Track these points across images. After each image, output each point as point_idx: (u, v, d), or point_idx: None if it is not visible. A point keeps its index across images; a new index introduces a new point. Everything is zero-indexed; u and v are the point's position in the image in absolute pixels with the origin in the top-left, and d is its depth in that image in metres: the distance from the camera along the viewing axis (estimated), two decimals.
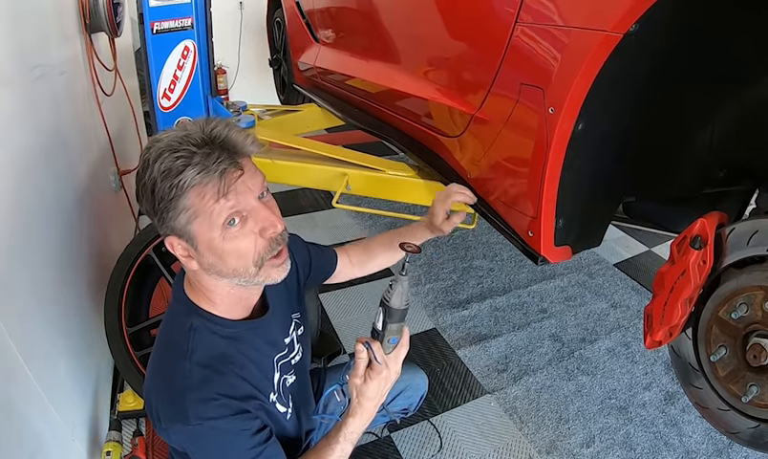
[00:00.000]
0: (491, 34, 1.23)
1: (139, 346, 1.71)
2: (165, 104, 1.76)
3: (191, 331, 0.95)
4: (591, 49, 0.96)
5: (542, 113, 1.07)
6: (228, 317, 0.99)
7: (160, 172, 0.84)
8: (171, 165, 0.83)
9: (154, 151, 0.85)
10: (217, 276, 0.94)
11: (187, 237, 0.89)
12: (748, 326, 0.93)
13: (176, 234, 0.89)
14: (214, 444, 0.92)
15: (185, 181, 0.83)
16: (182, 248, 0.91)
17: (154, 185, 0.85)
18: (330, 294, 2.41)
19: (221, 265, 0.91)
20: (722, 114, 1.18)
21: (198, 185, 0.84)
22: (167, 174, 0.83)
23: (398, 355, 1.02)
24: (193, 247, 0.90)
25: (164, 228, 0.89)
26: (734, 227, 0.97)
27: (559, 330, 2.26)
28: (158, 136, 0.89)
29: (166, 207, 0.86)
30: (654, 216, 1.45)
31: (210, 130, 0.87)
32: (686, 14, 0.95)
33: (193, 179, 0.83)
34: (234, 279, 0.94)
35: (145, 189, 0.86)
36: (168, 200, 0.85)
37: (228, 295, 0.98)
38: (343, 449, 1.02)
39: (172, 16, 1.68)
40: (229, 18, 4.34)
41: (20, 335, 1.19)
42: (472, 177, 1.44)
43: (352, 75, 2.10)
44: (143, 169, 0.86)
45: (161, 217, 0.87)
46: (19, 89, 1.50)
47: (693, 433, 1.81)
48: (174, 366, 0.93)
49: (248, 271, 0.92)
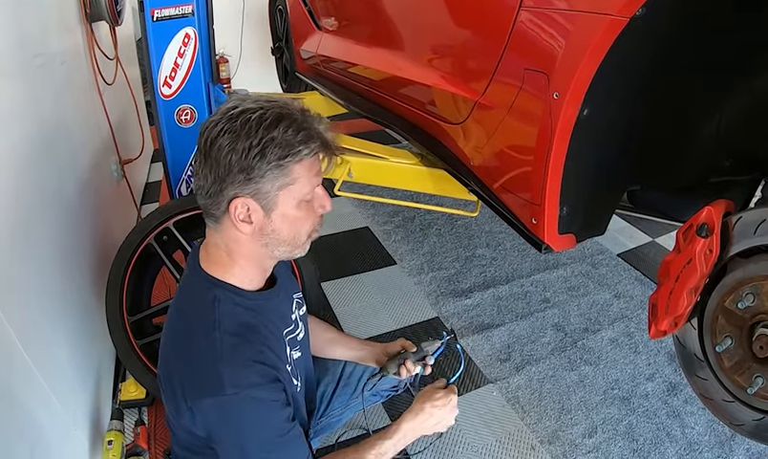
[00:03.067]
0: (495, 19, 1.21)
1: (141, 335, 1.70)
2: (166, 92, 1.75)
3: (215, 302, 0.97)
4: (597, 33, 0.94)
5: (546, 99, 1.06)
6: (247, 289, 1.02)
7: (282, 136, 0.89)
8: (295, 134, 0.90)
9: (270, 114, 0.90)
10: (267, 244, 0.98)
11: (267, 201, 0.93)
12: (754, 316, 0.92)
13: (255, 196, 0.92)
14: (248, 415, 0.93)
15: (308, 151, 0.92)
16: (247, 209, 0.93)
17: (267, 145, 0.88)
18: (331, 283, 2.41)
19: (285, 231, 0.97)
20: (729, 103, 1.17)
21: (313, 158, 0.94)
22: (289, 140, 0.90)
23: None
24: (266, 210, 0.94)
25: (247, 188, 0.91)
26: (741, 215, 0.95)
27: (562, 320, 2.25)
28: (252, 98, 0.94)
29: (270, 169, 0.90)
30: (659, 205, 1.44)
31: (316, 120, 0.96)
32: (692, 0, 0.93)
33: (313, 152, 0.93)
34: (281, 248, 1.00)
35: (251, 147, 0.88)
36: (278, 163, 0.90)
37: (256, 263, 1.02)
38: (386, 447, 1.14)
39: (172, 3, 1.67)
40: (231, 7, 4.31)
41: (21, 324, 1.19)
42: (475, 164, 1.43)
43: (355, 62, 2.08)
44: (248, 128, 0.88)
45: (255, 177, 0.90)
46: (20, 79, 1.49)
47: (696, 425, 1.80)
48: (201, 339, 0.94)
49: (300, 239, 1.01)
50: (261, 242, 0.98)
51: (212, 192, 0.93)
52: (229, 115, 0.91)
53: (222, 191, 0.92)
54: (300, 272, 1.69)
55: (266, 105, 0.91)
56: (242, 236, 0.96)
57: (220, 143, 0.89)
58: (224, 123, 0.90)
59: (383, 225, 2.90)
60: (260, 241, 0.97)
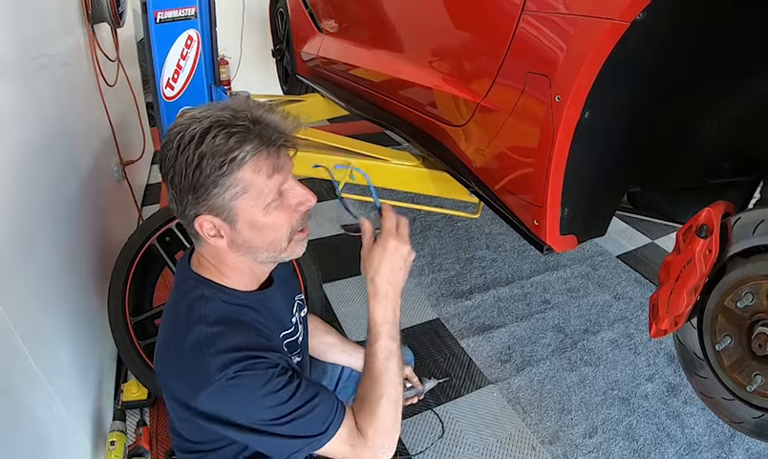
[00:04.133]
0: (497, 23, 1.22)
1: (143, 336, 1.71)
2: (169, 94, 1.76)
3: (202, 299, 0.95)
4: (598, 37, 0.95)
5: (548, 101, 1.06)
6: (239, 289, 1.00)
7: (211, 147, 0.85)
8: (226, 140, 0.85)
9: (198, 128, 0.86)
10: (245, 253, 0.95)
11: (226, 214, 0.89)
12: (753, 315, 0.93)
13: (213, 212, 0.89)
14: (247, 390, 0.89)
15: (243, 155, 0.86)
16: (214, 226, 0.91)
17: (201, 160, 0.85)
18: (332, 284, 2.42)
19: (258, 240, 0.93)
20: (728, 105, 1.18)
21: (255, 160, 0.87)
22: (221, 149, 0.85)
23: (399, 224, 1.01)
24: (230, 223, 0.91)
25: (200, 206, 0.89)
26: (739, 216, 0.96)
27: (562, 321, 2.26)
28: (189, 115, 0.89)
29: (213, 183, 0.86)
30: (659, 206, 1.45)
31: (259, 112, 0.90)
32: (693, 3, 0.95)
33: (251, 154, 0.86)
34: (263, 254, 0.96)
35: (187, 166, 0.85)
36: (218, 175, 0.86)
37: (246, 272, 1.00)
38: (385, 347, 0.99)
39: (175, 6, 1.67)
40: (231, 9, 4.32)
41: (24, 325, 1.19)
42: (477, 166, 1.44)
43: (357, 64, 2.09)
44: (182, 146, 0.85)
45: (202, 194, 0.87)
46: (22, 79, 1.49)
47: (696, 425, 1.81)
48: (186, 335, 0.92)
49: (281, 244, 0.95)
50: (240, 252, 0.95)
51: (179, 214, 0.93)
52: (171, 134, 0.89)
53: (185, 213, 0.91)
54: (302, 273, 1.70)
55: (199, 117, 0.88)
56: (220, 250, 0.95)
57: (165, 166, 0.89)
58: (168, 145, 0.88)
59: None
60: (238, 251, 0.95)
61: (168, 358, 0.96)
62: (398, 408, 1.01)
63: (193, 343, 0.90)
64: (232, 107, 0.90)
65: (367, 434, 0.97)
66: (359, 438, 0.97)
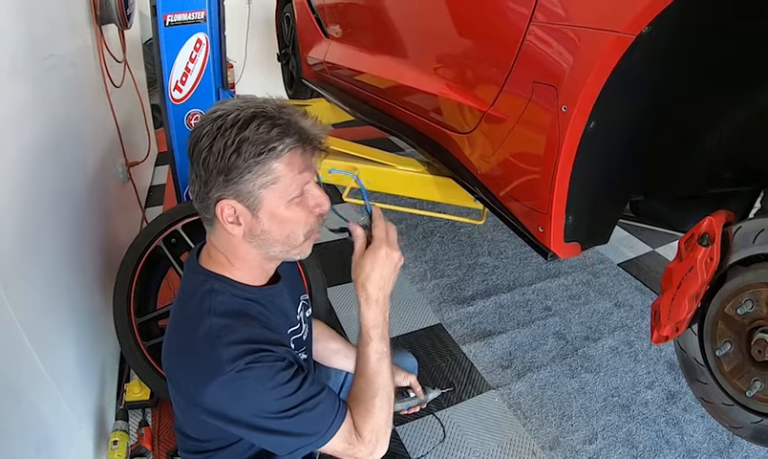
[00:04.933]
0: (505, 33, 1.24)
1: (148, 337, 1.72)
2: (177, 96, 1.77)
3: (211, 293, 0.96)
4: (605, 49, 0.97)
5: (554, 111, 1.08)
6: (247, 283, 1.01)
7: (254, 133, 0.88)
8: (269, 130, 0.89)
9: (243, 114, 0.89)
10: (259, 245, 0.97)
11: (251, 201, 0.91)
12: (753, 322, 0.94)
13: (238, 197, 0.91)
14: (256, 383, 0.90)
15: (283, 147, 0.90)
16: (234, 212, 0.92)
17: (241, 144, 0.88)
18: (335, 288, 2.43)
19: (276, 232, 0.95)
20: (730, 115, 1.19)
21: (291, 154, 0.91)
22: (262, 137, 0.88)
23: (389, 230, 1.05)
24: (252, 211, 0.92)
25: (228, 189, 0.90)
26: (740, 225, 0.98)
27: (563, 328, 2.28)
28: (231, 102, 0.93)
29: (248, 168, 0.89)
30: (661, 215, 1.46)
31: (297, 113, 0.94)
32: (698, 17, 0.96)
33: (289, 147, 0.90)
34: (277, 248, 0.98)
35: (225, 148, 0.88)
36: (254, 162, 0.88)
37: (255, 265, 1.01)
38: (377, 350, 1.02)
39: (185, 9, 1.68)
40: (237, 13, 4.34)
41: (31, 324, 1.20)
42: (482, 172, 1.46)
43: (363, 70, 2.11)
44: (223, 129, 0.88)
45: (234, 177, 0.89)
46: (31, 79, 1.51)
47: (695, 432, 1.82)
48: (195, 328, 0.93)
49: (297, 239, 0.98)
50: (253, 243, 0.96)
51: (200, 196, 0.94)
52: (210, 119, 0.91)
53: (207, 195, 0.92)
54: (307, 277, 1.71)
55: (243, 106, 0.91)
56: (234, 238, 0.96)
57: (199, 147, 0.90)
58: (204, 127, 0.91)
59: None
60: (252, 242, 0.96)
61: (177, 351, 0.97)
62: (391, 407, 1.04)
63: (203, 335, 0.91)
64: (273, 103, 0.94)
65: (363, 432, 0.99)
66: (356, 436, 0.99)
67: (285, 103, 0.95)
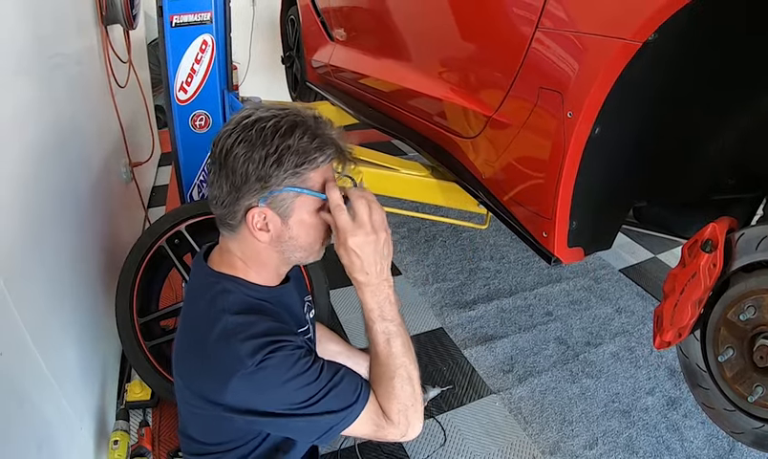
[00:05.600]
0: (511, 38, 1.25)
1: (150, 337, 1.72)
2: (182, 97, 1.78)
3: (223, 293, 0.96)
4: (611, 56, 0.98)
5: (560, 117, 1.09)
6: (260, 283, 1.01)
7: (297, 143, 0.89)
8: (311, 141, 0.90)
9: (284, 123, 0.90)
10: (284, 249, 0.97)
11: (284, 209, 0.92)
12: (755, 328, 0.94)
13: (271, 205, 0.92)
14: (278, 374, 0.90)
15: (324, 159, 0.92)
16: (264, 219, 0.93)
17: (283, 153, 0.88)
18: (337, 291, 2.42)
19: (303, 238, 0.96)
20: (734, 122, 1.20)
21: (328, 166, 0.94)
22: (305, 147, 0.89)
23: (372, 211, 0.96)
24: (283, 218, 0.93)
25: (261, 196, 0.90)
26: (743, 232, 0.98)
27: (564, 333, 2.28)
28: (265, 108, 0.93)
29: (286, 177, 0.89)
30: (664, 221, 1.47)
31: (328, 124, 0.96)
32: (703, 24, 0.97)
33: (328, 159, 0.93)
34: (298, 253, 0.99)
35: (267, 156, 0.88)
36: (294, 171, 0.89)
37: (272, 268, 1.02)
38: (382, 330, 0.98)
39: (191, 10, 1.69)
40: (241, 15, 4.35)
41: (33, 323, 1.20)
42: (486, 177, 1.46)
43: (368, 74, 2.11)
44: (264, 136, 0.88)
45: (273, 185, 0.89)
46: (38, 78, 1.52)
47: (695, 439, 1.83)
48: (211, 326, 0.93)
49: (317, 245, 1.00)
50: (278, 248, 0.97)
51: (228, 202, 0.93)
52: (244, 124, 0.91)
53: (238, 201, 0.92)
54: (310, 280, 1.71)
55: (280, 113, 0.92)
56: (259, 244, 0.96)
57: (236, 153, 0.89)
58: (238, 133, 0.90)
59: None
60: (277, 248, 0.97)
61: (192, 354, 0.97)
62: (415, 384, 1.00)
63: (219, 334, 0.91)
64: (310, 111, 0.95)
65: (390, 414, 0.98)
66: (384, 418, 0.98)
67: (317, 113, 0.96)
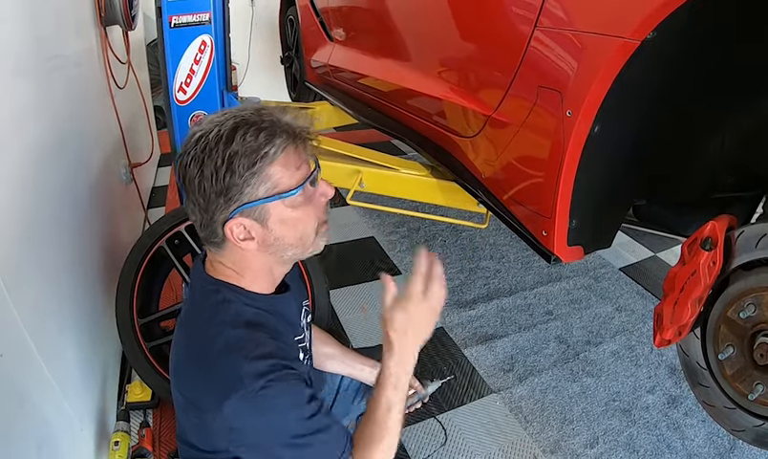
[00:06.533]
0: (510, 37, 1.25)
1: (150, 338, 1.72)
2: (181, 98, 1.77)
3: (224, 303, 0.94)
4: (609, 55, 0.98)
5: (559, 116, 1.09)
6: (257, 292, 0.99)
7: (242, 145, 0.85)
8: (255, 137, 0.85)
9: (224, 129, 0.85)
10: (273, 252, 0.95)
11: (258, 213, 0.89)
12: (755, 326, 0.95)
13: (244, 214, 0.88)
14: (276, 401, 0.88)
15: (275, 150, 0.87)
16: (244, 229, 0.90)
17: (232, 160, 0.84)
18: (337, 291, 2.43)
19: (290, 236, 0.93)
20: (733, 121, 1.20)
21: (284, 154, 0.88)
22: (251, 145, 0.85)
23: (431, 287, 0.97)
24: (261, 222, 0.90)
25: (231, 209, 0.87)
26: (743, 230, 0.99)
27: (564, 332, 2.28)
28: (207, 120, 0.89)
29: (245, 182, 0.86)
30: (664, 220, 1.47)
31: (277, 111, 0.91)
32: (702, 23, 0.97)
33: (281, 148, 0.87)
34: (291, 251, 0.96)
35: (216, 169, 0.85)
36: (250, 174, 0.85)
37: (266, 274, 0.99)
38: (388, 398, 0.98)
39: (190, 11, 1.69)
40: (240, 15, 4.35)
41: (34, 324, 1.20)
42: (486, 176, 1.46)
43: (368, 74, 2.11)
44: (208, 150, 0.85)
45: (235, 196, 0.86)
46: (36, 79, 1.51)
47: (696, 437, 1.83)
48: (212, 339, 0.91)
49: (309, 238, 0.96)
50: (268, 252, 0.95)
51: (204, 224, 0.91)
52: (191, 144, 0.87)
53: (212, 220, 0.89)
54: (310, 282, 1.71)
55: (221, 120, 0.88)
56: (248, 253, 0.94)
57: (189, 175, 0.87)
58: (189, 154, 0.87)
59: (389, 235, 2.93)
60: (267, 251, 0.94)
61: (191, 362, 0.95)
62: (392, 453, 1.01)
63: (222, 347, 0.89)
64: (250, 108, 0.91)
65: None
66: None
67: (263, 105, 0.93)
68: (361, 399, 1.41)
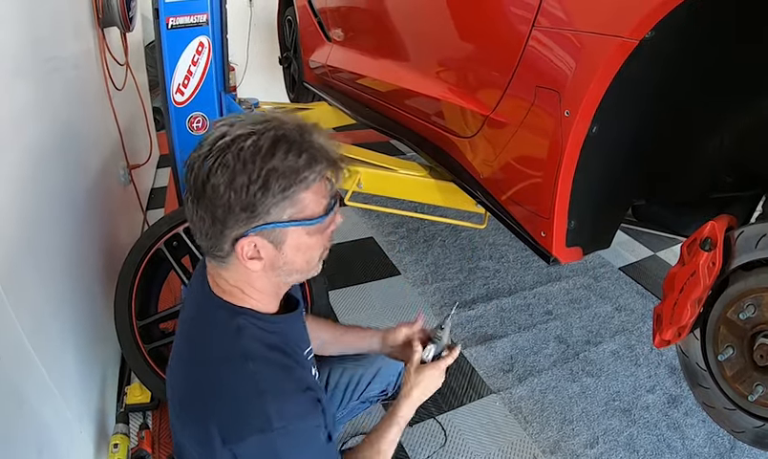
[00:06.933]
0: (508, 37, 1.24)
1: (149, 340, 1.72)
2: (179, 99, 1.77)
3: (238, 332, 0.90)
4: (608, 54, 0.97)
5: (557, 116, 1.08)
6: (268, 312, 0.96)
7: (282, 163, 0.79)
8: (297, 158, 0.80)
9: (265, 140, 0.80)
10: (279, 274, 0.91)
11: (276, 235, 0.84)
12: (755, 327, 0.94)
13: (261, 234, 0.83)
14: (297, 447, 0.86)
15: (314, 176, 0.82)
16: (255, 247, 0.85)
17: (269, 177, 0.79)
18: (337, 292, 2.43)
19: (299, 261, 0.90)
20: (732, 121, 1.20)
21: (320, 182, 0.84)
22: (292, 167, 0.80)
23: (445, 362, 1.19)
24: (276, 245, 0.85)
25: (249, 225, 0.82)
26: (742, 230, 0.98)
27: (564, 332, 2.28)
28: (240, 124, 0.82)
29: (275, 203, 0.81)
30: (663, 220, 1.47)
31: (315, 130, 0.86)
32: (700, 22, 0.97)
33: (320, 176, 0.83)
34: (295, 275, 0.93)
35: (251, 182, 0.78)
36: (283, 195, 0.80)
37: (271, 293, 0.96)
38: (394, 435, 1.11)
39: (187, 12, 1.68)
40: (238, 16, 4.35)
41: (32, 327, 1.20)
42: (484, 177, 1.46)
43: (366, 74, 2.11)
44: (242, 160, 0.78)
45: (261, 213, 0.81)
46: (35, 81, 1.51)
47: (696, 437, 1.82)
48: (234, 374, 0.86)
49: (314, 263, 0.94)
50: (273, 273, 0.90)
51: (212, 234, 0.84)
52: (219, 146, 0.80)
53: (223, 233, 0.82)
54: (309, 283, 1.70)
55: (259, 129, 0.81)
56: (252, 273, 0.89)
57: (213, 182, 0.79)
58: (214, 157, 0.79)
59: (388, 235, 2.93)
60: (272, 273, 0.90)
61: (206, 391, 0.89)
62: None
63: (245, 385, 0.85)
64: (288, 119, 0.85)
65: None
66: None
67: (300, 120, 0.87)
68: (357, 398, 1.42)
